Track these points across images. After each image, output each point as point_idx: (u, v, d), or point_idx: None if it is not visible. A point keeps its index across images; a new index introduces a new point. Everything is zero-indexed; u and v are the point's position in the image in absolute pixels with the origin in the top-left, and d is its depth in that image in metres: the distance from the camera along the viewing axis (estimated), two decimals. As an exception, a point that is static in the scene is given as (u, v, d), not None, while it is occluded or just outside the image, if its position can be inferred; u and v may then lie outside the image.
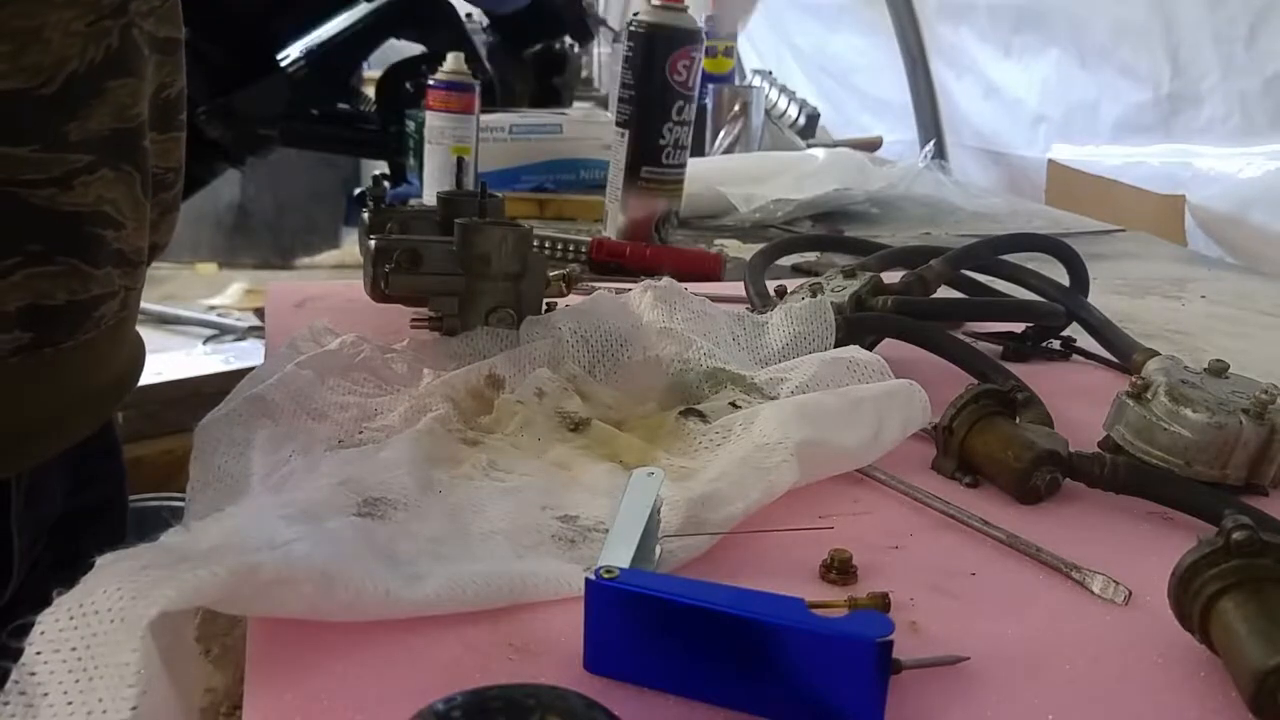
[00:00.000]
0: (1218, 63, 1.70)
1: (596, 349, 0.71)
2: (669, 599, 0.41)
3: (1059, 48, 2.11)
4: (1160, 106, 1.86)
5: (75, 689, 0.37)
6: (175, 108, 0.70)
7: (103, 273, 0.62)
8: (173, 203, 0.73)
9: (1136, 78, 1.90)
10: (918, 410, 0.62)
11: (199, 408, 0.63)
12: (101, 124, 0.59)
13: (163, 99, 0.68)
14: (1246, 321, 1.08)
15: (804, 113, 2.16)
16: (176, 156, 0.71)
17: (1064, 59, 2.10)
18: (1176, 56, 1.78)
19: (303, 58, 1.82)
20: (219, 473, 0.57)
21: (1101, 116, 2.03)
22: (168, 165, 0.70)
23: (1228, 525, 0.45)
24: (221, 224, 4.55)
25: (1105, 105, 2.02)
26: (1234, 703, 0.43)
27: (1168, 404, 0.62)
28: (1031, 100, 2.25)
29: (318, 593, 0.42)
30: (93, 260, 0.61)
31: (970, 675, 0.44)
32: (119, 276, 0.64)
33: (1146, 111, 1.90)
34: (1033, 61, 2.20)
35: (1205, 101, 1.76)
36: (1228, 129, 1.73)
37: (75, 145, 0.58)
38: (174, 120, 0.70)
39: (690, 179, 1.24)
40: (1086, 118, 2.08)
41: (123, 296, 0.65)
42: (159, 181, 0.68)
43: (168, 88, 0.68)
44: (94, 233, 0.61)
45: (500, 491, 0.56)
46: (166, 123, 0.69)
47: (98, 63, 0.58)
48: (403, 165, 1.64)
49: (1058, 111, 2.18)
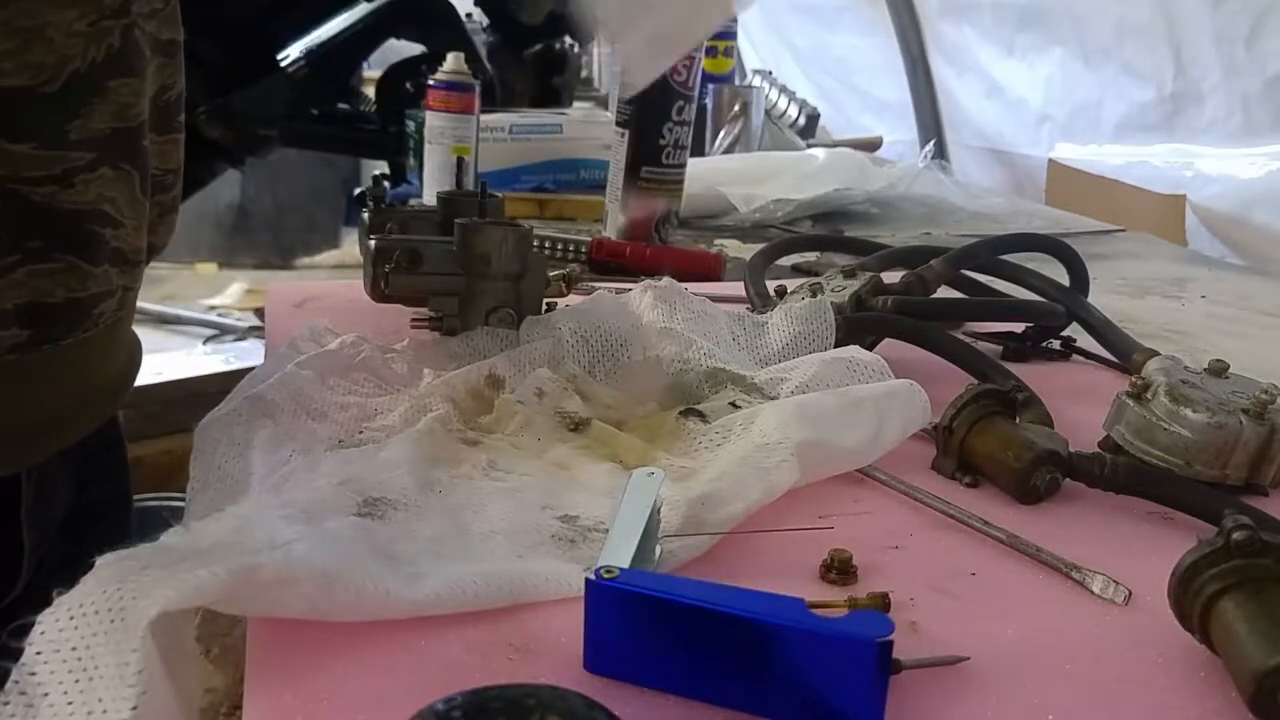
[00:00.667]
0: (1219, 63, 1.70)
1: (596, 349, 0.71)
2: (669, 599, 0.41)
3: (1063, 47, 2.11)
4: (1163, 106, 1.86)
5: (75, 689, 0.37)
6: (175, 110, 0.70)
7: (101, 271, 0.62)
8: (171, 204, 0.73)
9: (1140, 77, 1.90)
10: (918, 410, 0.62)
11: (199, 408, 0.63)
12: (102, 123, 0.60)
13: (163, 101, 0.68)
14: (1246, 321, 1.08)
15: (804, 113, 2.16)
16: (175, 158, 0.72)
17: (1068, 58, 2.10)
18: (1179, 56, 1.78)
19: (303, 58, 1.82)
20: (219, 473, 0.57)
21: (1105, 116, 2.03)
22: (167, 167, 0.70)
23: (1228, 525, 0.45)
24: (221, 224, 4.54)
25: (1108, 105, 2.02)
26: (1234, 703, 0.43)
27: (1168, 404, 0.62)
28: (1035, 99, 2.25)
29: (318, 593, 0.42)
30: (91, 258, 0.61)
31: (970, 675, 0.44)
32: (117, 275, 0.64)
33: (1149, 111, 1.90)
34: (1036, 60, 2.20)
35: (1207, 101, 1.76)
36: (1229, 129, 1.73)
37: (76, 144, 0.58)
38: (173, 122, 0.70)
39: (690, 179, 1.24)
40: (1090, 117, 2.09)
41: (120, 295, 0.65)
42: (158, 183, 0.69)
43: (168, 90, 0.69)
44: (93, 231, 0.61)
45: (500, 491, 0.56)
46: (166, 124, 0.69)
47: (99, 62, 0.59)
48: (403, 165, 1.64)
49: (1062, 111, 2.19)
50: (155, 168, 0.67)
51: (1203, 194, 1.79)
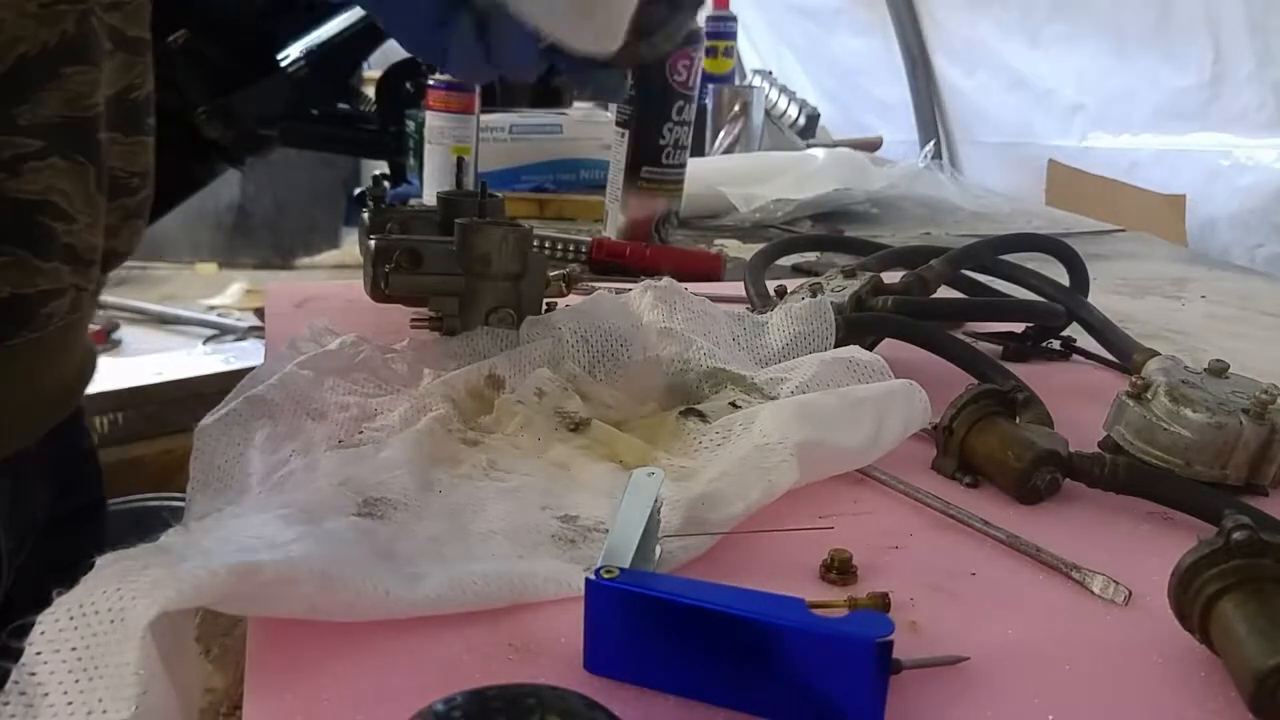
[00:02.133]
0: (1252, 53, 1.70)
1: (596, 349, 0.71)
2: (669, 599, 0.41)
3: (1095, 37, 2.10)
4: (1199, 94, 1.85)
5: (75, 689, 0.37)
6: (143, 110, 0.69)
7: (50, 267, 0.60)
8: (137, 209, 0.71)
9: (1174, 66, 1.89)
10: (918, 410, 0.62)
11: (199, 408, 0.63)
12: (54, 110, 0.58)
13: (130, 100, 0.67)
14: (1246, 321, 1.08)
15: (804, 113, 2.16)
16: (144, 161, 0.70)
17: (1099, 50, 2.09)
18: (1218, 44, 1.77)
19: (303, 58, 1.81)
20: (219, 473, 0.57)
21: (1138, 105, 2.02)
22: (132, 169, 0.69)
23: (1228, 525, 0.45)
24: (221, 224, 4.54)
25: (1143, 93, 2.01)
26: (1234, 703, 0.43)
27: (1168, 404, 0.62)
28: (1067, 90, 2.23)
29: (318, 593, 0.42)
30: (41, 252, 0.59)
31: (970, 675, 0.44)
32: (69, 273, 0.62)
33: (1184, 99, 1.89)
34: (1067, 51, 2.19)
35: (1241, 91, 1.76)
36: (1262, 119, 1.73)
37: (25, 130, 0.57)
38: (142, 123, 0.69)
39: (690, 179, 1.24)
40: (1123, 107, 2.08)
41: (74, 296, 0.63)
42: (122, 185, 0.67)
43: (135, 89, 0.67)
44: (42, 223, 0.59)
45: (500, 491, 0.56)
46: (134, 125, 0.68)
47: (51, 47, 0.57)
48: (403, 165, 1.64)
49: (1095, 100, 2.17)
50: (120, 169, 0.66)
51: (1237, 183, 1.79)
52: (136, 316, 2.26)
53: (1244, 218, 1.79)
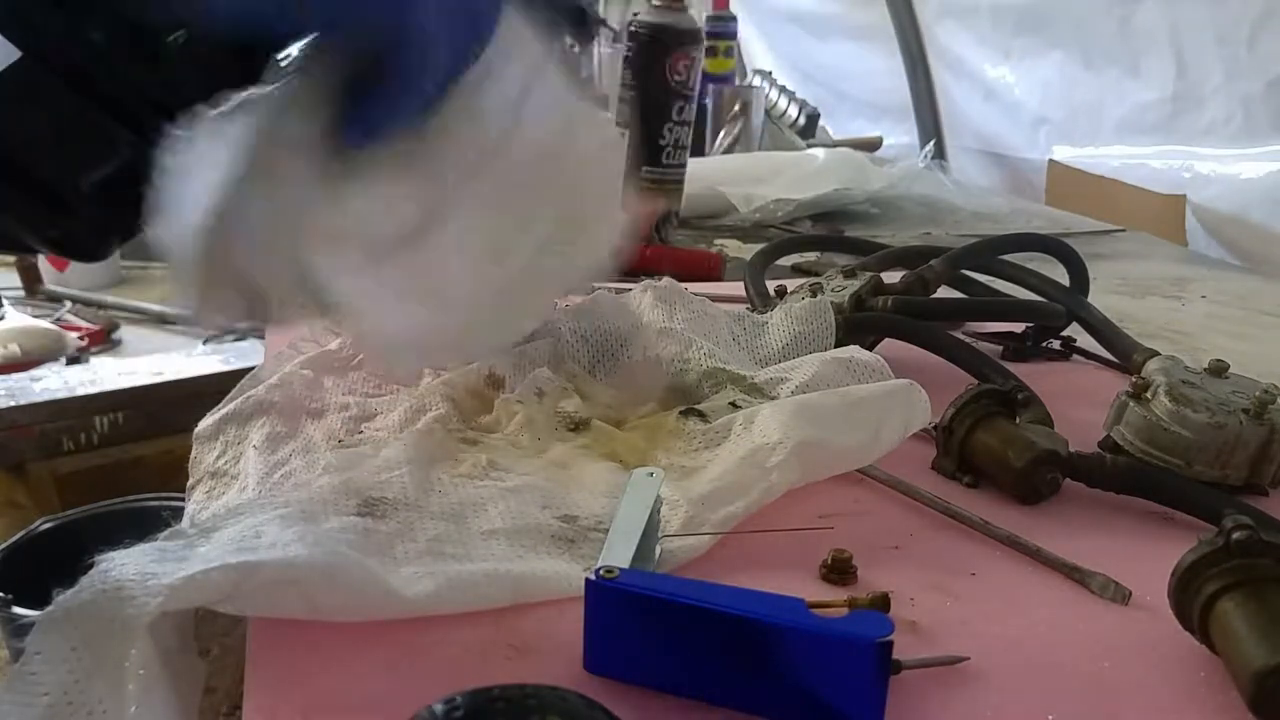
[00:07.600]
0: (1220, 65, 1.70)
1: (596, 349, 0.71)
2: (669, 599, 0.41)
3: (1061, 50, 2.11)
4: (1163, 108, 1.86)
5: (74, 689, 0.37)
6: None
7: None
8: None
9: (1139, 80, 1.90)
10: (918, 410, 0.62)
11: (199, 408, 0.63)
12: None
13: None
14: (1247, 321, 1.08)
15: (804, 113, 2.16)
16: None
17: (1066, 61, 2.10)
18: (1181, 58, 1.78)
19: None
20: (219, 473, 0.57)
21: (1104, 119, 2.04)
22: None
23: (1228, 525, 0.45)
24: (222, 224, 4.54)
25: (1108, 107, 2.02)
26: (1234, 703, 0.43)
27: (1168, 404, 0.62)
28: (1032, 103, 2.25)
29: (318, 593, 0.42)
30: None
31: (970, 675, 0.44)
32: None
33: (1148, 113, 1.90)
34: (1033, 64, 2.20)
35: (1208, 103, 1.76)
36: (1230, 131, 1.73)
37: None
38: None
39: (690, 179, 1.24)
40: (1089, 120, 2.09)
41: None
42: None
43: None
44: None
45: (500, 491, 0.56)
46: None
47: None
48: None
49: (1059, 114, 2.19)
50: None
51: (1201, 195, 1.79)
52: (136, 316, 2.25)
53: (1211, 229, 1.80)
